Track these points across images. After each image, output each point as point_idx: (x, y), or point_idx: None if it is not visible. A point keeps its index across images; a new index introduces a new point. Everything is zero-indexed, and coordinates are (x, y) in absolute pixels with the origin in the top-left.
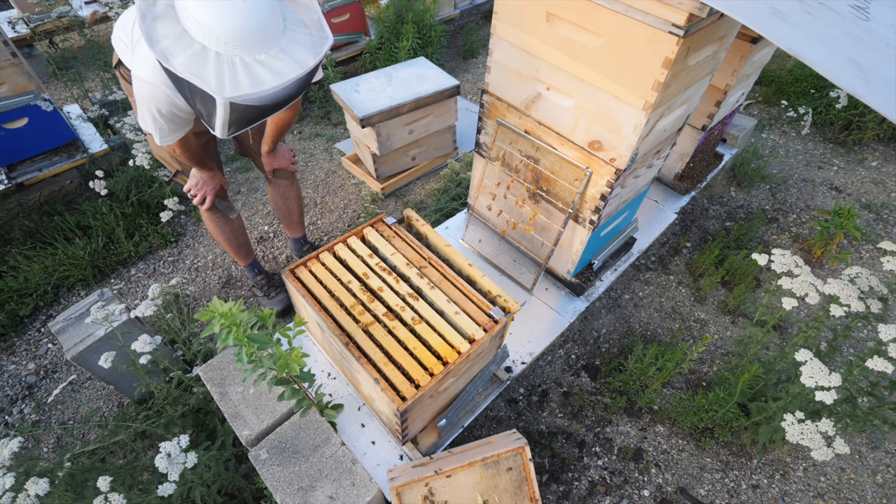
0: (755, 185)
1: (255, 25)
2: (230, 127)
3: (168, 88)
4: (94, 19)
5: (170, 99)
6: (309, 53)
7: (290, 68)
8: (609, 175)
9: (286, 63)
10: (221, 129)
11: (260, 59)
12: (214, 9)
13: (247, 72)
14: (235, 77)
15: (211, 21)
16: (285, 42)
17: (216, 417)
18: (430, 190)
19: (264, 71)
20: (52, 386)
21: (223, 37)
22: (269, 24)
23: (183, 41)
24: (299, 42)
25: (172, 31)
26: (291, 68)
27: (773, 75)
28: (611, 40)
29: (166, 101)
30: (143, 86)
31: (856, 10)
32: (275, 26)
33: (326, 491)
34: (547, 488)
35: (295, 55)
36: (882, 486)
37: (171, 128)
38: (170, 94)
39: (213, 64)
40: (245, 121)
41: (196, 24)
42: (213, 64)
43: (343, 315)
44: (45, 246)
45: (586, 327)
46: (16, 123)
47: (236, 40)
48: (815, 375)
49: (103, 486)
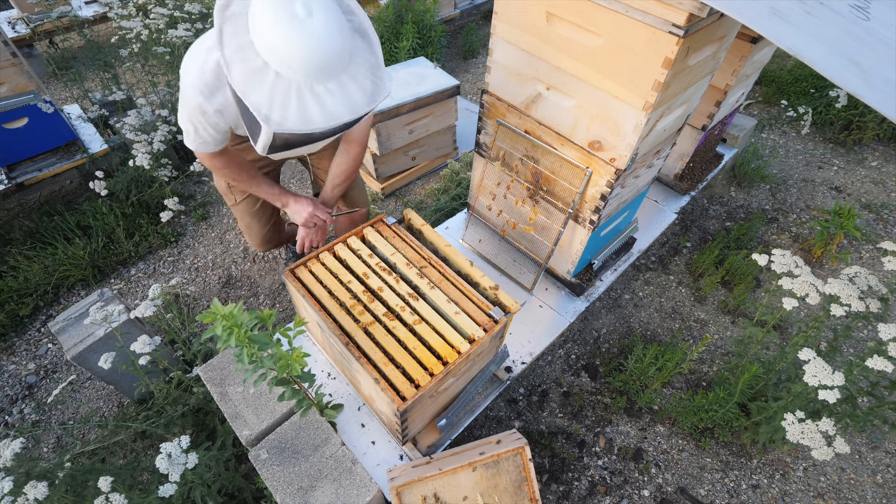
0: (755, 185)
1: (323, 53)
2: (271, 149)
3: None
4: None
5: (202, 108)
6: (365, 98)
7: (342, 110)
8: (609, 175)
9: (340, 102)
10: (261, 147)
11: (317, 90)
12: (285, 26)
13: (300, 103)
14: (286, 107)
15: (278, 40)
16: (346, 78)
17: (216, 417)
18: (430, 190)
19: (316, 107)
20: (52, 386)
21: (287, 59)
22: (336, 55)
23: (247, 53)
24: (359, 83)
25: (241, 40)
26: (344, 110)
27: (773, 75)
28: (611, 40)
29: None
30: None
31: (856, 10)
32: (340, 58)
33: (326, 491)
34: (547, 488)
35: (351, 96)
36: (882, 486)
37: (209, 134)
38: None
39: (270, 85)
40: (288, 147)
41: (262, 39)
42: (270, 85)
43: (343, 315)
44: (45, 246)
45: (586, 327)
46: (16, 123)
47: (300, 65)
48: (819, 374)
49: (104, 487)
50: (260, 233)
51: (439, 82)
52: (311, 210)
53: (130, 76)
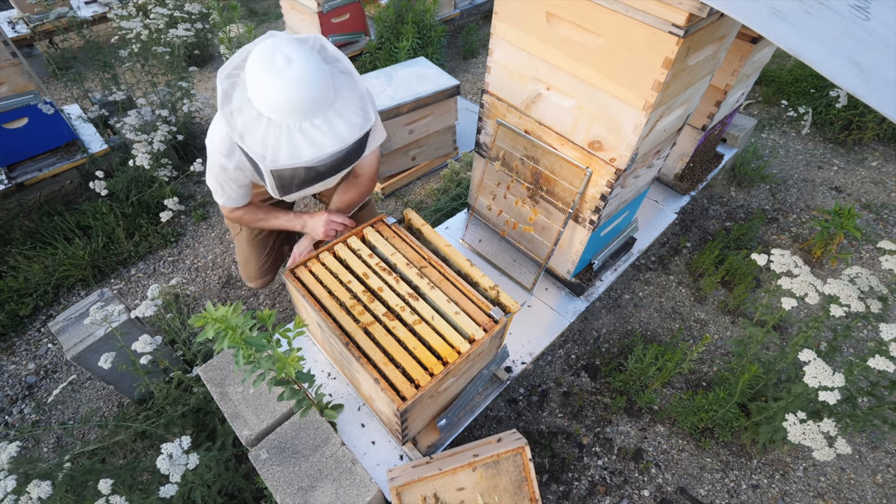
0: (755, 185)
1: (302, 93)
2: (281, 190)
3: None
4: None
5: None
6: (350, 129)
7: (329, 141)
8: (609, 175)
9: (327, 135)
10: (272, 190)
11: (304, 127)
12: (269, 76)
13: (289, 141)
14: (278, 146)
15: (264, 89)
16: (332, 114)
17: (216, 417)
18: (430, 190)
19: (303, 142)
20: (52, 386)
21: (273, 103)
22: (316, 94)
23: (244, 107)
24: (346, 118)
25: (241, 97)
26: (330, 142)
27: (773, 75)
28: (611, 40)
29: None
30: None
31: (856, 10)
32: (322, 97)
33: (326, 491)
34: (547, 488)
35: (337, 129)
36: (882, 486)
37: (232, 188)
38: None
39: (263, 130)
40: (293, 186)
41: (253, 92)
42: (263, 130)
43: (343, 315)
44: (45, 246)
45: (586, 327)
46: (16, 123)
47: (284, 106)
48: (819, 375)
49: (104, 489)
50: (257, 264)
51: (439, 82)
52: (326, 217)
53: (130, 76)
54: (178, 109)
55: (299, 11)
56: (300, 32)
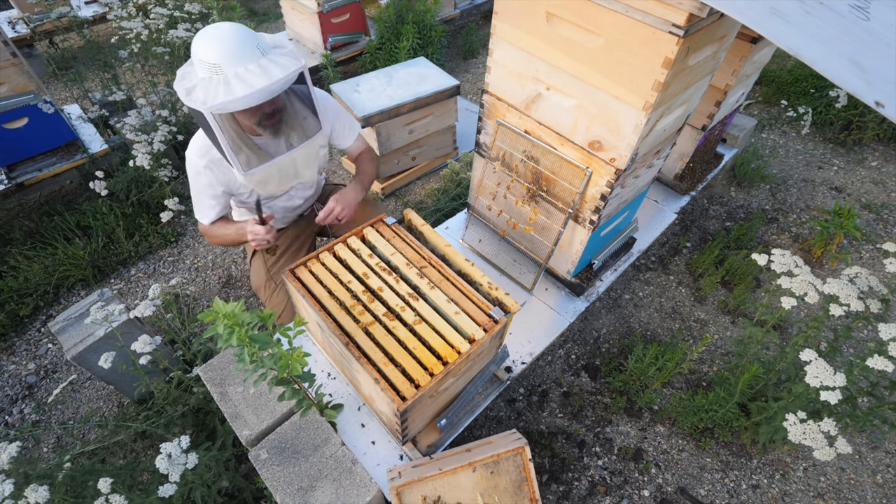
0: (755, 185)
1: (229, 42)
2: (245, 166)
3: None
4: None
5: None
6: (280, 70)
7: (259, 81)
8: (609, 175)
9: (258, 77)
10: (235, 164)
11: (239, 72)
12: (202, 38)
13: (226, 87)
14: (217, 91)
15: (199, 48)
16: (265, 61)
17: (216, 417)
18: (430, 190)
19: (238, 83)
20: (52, 386)
21: (207, 58)
22: (242, 42)
23: (188, 74)
24: (279, 64)
25: (187, 70)
26: (260, 81)
27: (773, 75)
28: (611, 40)
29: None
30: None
31: (856, 10)
32: (248, 46)
33: (326, 491)
34: (547, 488)
35: (269, 71)
36: (882, 486)
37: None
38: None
39: (205, 85)
40: (254, 160)
41: (196, 58)
42: (205, 85)
43: (343, 315)
44: (45, 246)
45: (586, 327)
46: (16, 123)
47: (215, 56)
48: (820, 375)
49: (104, 488)
50: None
51: (439, 82)
52: (338, 194)
53: (130, 76)
54: (178, 109)
55: (299, 11)
56: (300, 32)
